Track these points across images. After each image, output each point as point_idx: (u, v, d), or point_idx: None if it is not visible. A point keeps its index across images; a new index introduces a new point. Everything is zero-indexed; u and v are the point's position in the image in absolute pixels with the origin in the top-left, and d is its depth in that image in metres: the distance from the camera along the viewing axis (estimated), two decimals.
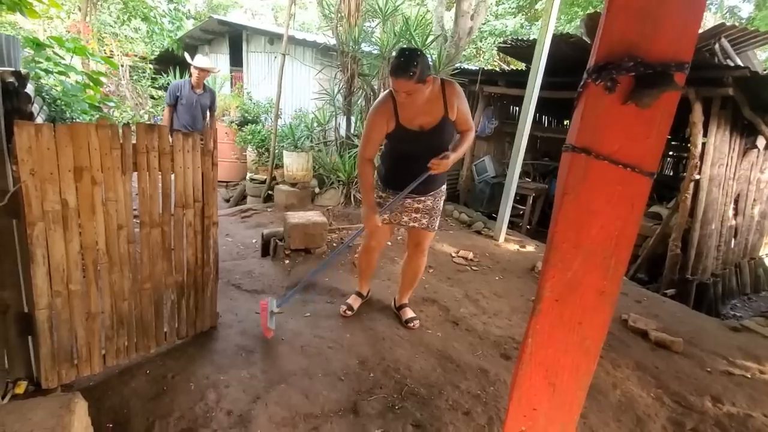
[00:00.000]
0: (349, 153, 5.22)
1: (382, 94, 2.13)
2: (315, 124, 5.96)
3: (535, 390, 1.05)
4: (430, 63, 1.99)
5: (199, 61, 4.32)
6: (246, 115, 6.99)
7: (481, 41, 11.79)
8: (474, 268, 3.55)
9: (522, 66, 6.47)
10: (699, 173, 4.28)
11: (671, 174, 7.16)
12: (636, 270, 4.71)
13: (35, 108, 2.27)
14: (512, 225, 5.48)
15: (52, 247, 1.57)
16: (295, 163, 5.08)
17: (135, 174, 1.75)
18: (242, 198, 6.03)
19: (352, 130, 5.51)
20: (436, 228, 2.34)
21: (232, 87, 8.93)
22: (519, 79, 5.18)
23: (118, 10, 9.08)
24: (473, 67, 7.07)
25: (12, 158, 1.47)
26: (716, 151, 4.33)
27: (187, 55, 5.08)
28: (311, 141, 5.81)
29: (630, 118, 0.84)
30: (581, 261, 0.94)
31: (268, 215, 4.74)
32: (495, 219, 4.61)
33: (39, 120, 2.40)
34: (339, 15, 5.08)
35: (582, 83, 0.85)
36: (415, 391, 1.96)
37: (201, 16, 11.87)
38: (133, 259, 1.82)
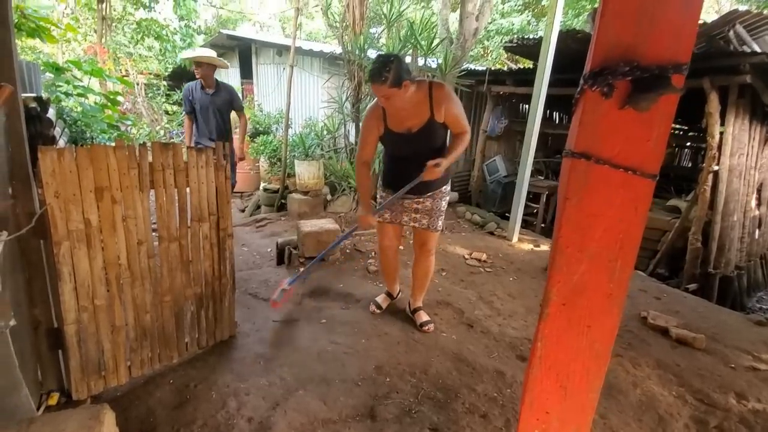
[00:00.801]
0: None
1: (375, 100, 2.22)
2: (325, 132, 6.02)
3: (547, 394, 1.05)
4: (409, 67, 2.02)
5: (196, 52, 3.80)
6: (257, 126, 7.12)
7: (487, 41, 11.74)
8: (487, 269, 3.54)
9: (530, 64, 6.42)
10: (718, 164, 4.18)
11: (689, 165, 7.00)
12: (655, 265, 4.62)
13: (57, 131, 2.37)
14: (526, 224, 5.44)
15: (78, 265, 1.64)
16: (306, 172, 5.15)
17: (152, 191, 1.82)
18: (257, 208, 6.13)
19: None
20: (439, 228, 2.36)
21: (243, 99, 9.09)
22: (527, 78, 5.15)
23: (132, 30, 9.37)
24: (480, 68, 7.05)
25: (37, 182, 1.54)
26: (735, 141, 4.22)
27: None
28: (322, 149, 5.88)
29: (628, 122, 0.84)
30: (587, 264, 0.94)
31: (282, 224, 4.81)
32: (508, 219, 4.59)
33: (61, 142, 2.51)
34: (344, 24, 5.14)
35: (579, 89, 0.86)
36: (431, 394, 1.97)
37: (211, 32, 12.14)
38: (154, 272, 1.89)
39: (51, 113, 2.24)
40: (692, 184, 5.04)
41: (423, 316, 2.55)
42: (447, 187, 2.35)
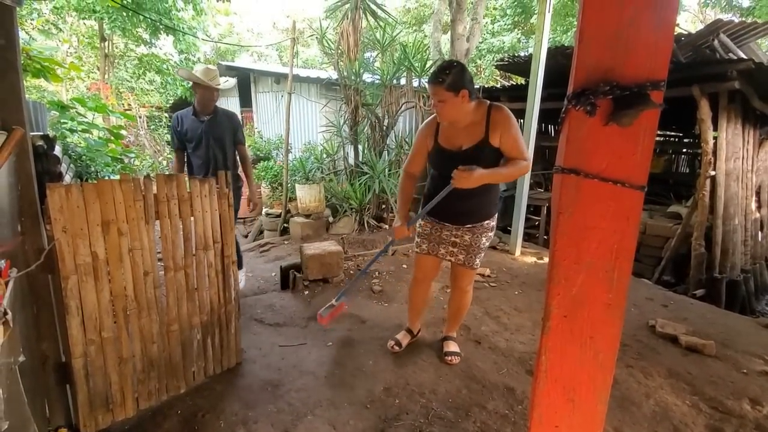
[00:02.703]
0: (359, 180, 5.33)
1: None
2: (324, 156, 6.13)
3: (555, 407, 1.06)
4: (473, 81, 1.94)
5: (196, 69, 3.00)
6: (258, 152, 7.24)
7: (480, 59, 12.01)
8: (492, 284, 3.54)
9: (522, 80, 6.56)
10: (714, 169, 4.22)
11: (687, 171, 7.05)
12: (661, 273, 4.61)
13: (63, 167, 2.43)
14: (528, 237, 5.45)
15: (85, 298, 1.66)
16: (307, 195, 5.21)
17: (157, 221, 1.85)
18: (260, 233, 6.17)
19: (360, 158, 5.64)
20: (476, 266, 2.19)
21: (243, 127, 9.27)
22: (520, 94, 5.26)
23: (134, 66, 9.64)
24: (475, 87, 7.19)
25: (45, 218, 1.58)
26: (729, 145, 4.28)
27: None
28: (322, 172, 5.97)
29: (614, 138, 0.88)
30: (584, 276, 0.96)
31: (286, 247, 4.84)
32: (510, 233, 4.61)
33: (67, 177, 2.57)
34: (339, 51, 5.29)
35: (563, 109, 0.90)
36: (441, 414, 1.96)
37: (210, 63, 12.46)
38: (160, 302, 1.90)
39: (57, 150, 2.31)
40: (691, 190, 5.07)
41: (450, 346, 2.44)
42: (491, 224, 2.16)
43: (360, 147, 5.71)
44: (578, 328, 1.00)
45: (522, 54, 6.71)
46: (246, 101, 9.26)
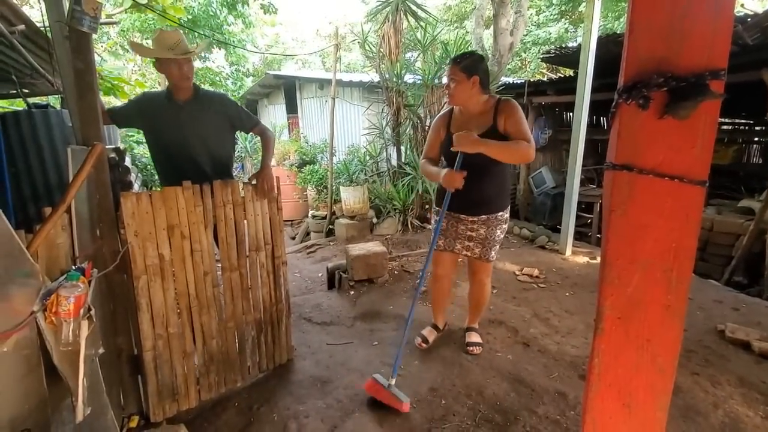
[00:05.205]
0: (402, 181, 5.35)
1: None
2: (367, 158, 6.22)
3: (609, 413, 1.02)
4: (488, 74, 2.12)
5: (157, 41, 2.08)
6: (304, 157, 7.47)
7: (524, 53, 11.63)
8: (541, 285, 3.43)
9: (571, 72, 6.29)
10: None
11: (760, 162, 6.42)
12: (731, 273, 4.23)
13: (132, 176, 2.66)
14: (580, 236, 5.21)
15: (154, 296, 1.81)
16: (351, 197, 5.31)
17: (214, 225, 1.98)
18: (306, 234, 6.38)
19: (402, 159, 5.67)
20: (492, 258, 2.26)
21: (290, 133, 9.61)
22: (568, 86, 5.05)
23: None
24: (519, 80, 6.99)
25: (119, 223, 1.75)
26: None
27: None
28: (365, 174, 6.06)
29: (670, 131, 0.84)
30: (640, 276, 0.92)
31: (331, 249, 4.97)
32: (560, 231, 4.43)
33: (136, 186, 2.81)
34: (380, 54, 5.35)
35: (614, 103, 0.87)
36: (489, 417, 1.93)
37: (259, 73, 13.03)
38: (218, 300, 2.03)
39: (127, 161, 2.53)
40: (765, 182, 4.61)
41: (473, 337, 2.50)
42: (504, 215, 2.23)
43: (402, 148, 5.74)
44: (634, 330, 0.96)
45: (570, 45, 6.43)
46: (292, 108, 9.60)
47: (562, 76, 6.79)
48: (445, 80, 2.14)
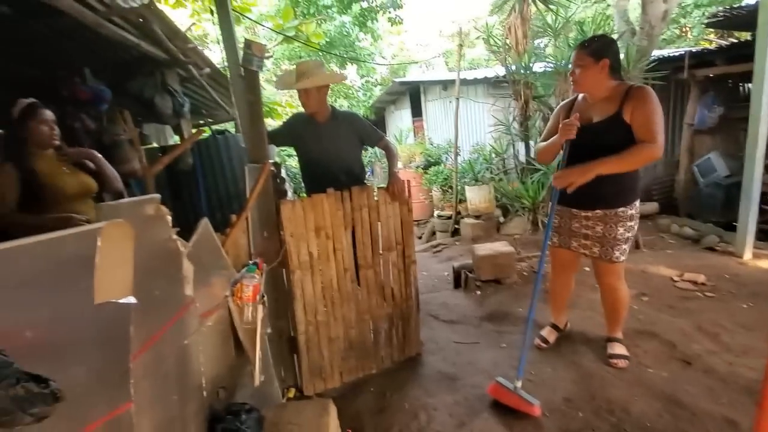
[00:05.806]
0: (531, 177, 5.08)
1: None
2: (493, 155, 6.07)
3: None
4: (619, 59, 1.96)
5: (281, 78, 2.56)
6: (429, 158, 7.66)
7: (683, 18, 9.80)
8: (707, 293, 2.89)
9: (747, 35, 5.09)
10: None
11: None
12: None
13: (287, 186, 3.15)
14: (763, 235, 4.19)
15: (305, 288, 2.14)
16: (477, 196, 5.26)
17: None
18: (432, 234, 6.53)
19: (531, 155, 5.37)
20: (615, 258, 2.04)
21: (415, 136, 9.95)
22: (743, 52, 4.11)
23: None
24: (677, 52, 5.95)
25: (280, 226, 2.11)
26: None
27: None
28: (491, 172, 5.93)
29: None
30: None
31: (457, 248, 5.00)
32: (734, 230, 3.65)
33: (289, 194, 3.31)
34: (506, 47, 5.18)
35: None
36: None
37: (386, 82, 13.79)
38: (356, 295, 2.28)
39: (283, 172, 3.01)
40: None
41: (616, 348, 2.26)
42: (628, 211, 1.99)
43: (531, 143, 5.44)
44: None
45: (744, 4, 5.22)
46: (417, 111, 9.90)
47: (735, 41, 5.55)
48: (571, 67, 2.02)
